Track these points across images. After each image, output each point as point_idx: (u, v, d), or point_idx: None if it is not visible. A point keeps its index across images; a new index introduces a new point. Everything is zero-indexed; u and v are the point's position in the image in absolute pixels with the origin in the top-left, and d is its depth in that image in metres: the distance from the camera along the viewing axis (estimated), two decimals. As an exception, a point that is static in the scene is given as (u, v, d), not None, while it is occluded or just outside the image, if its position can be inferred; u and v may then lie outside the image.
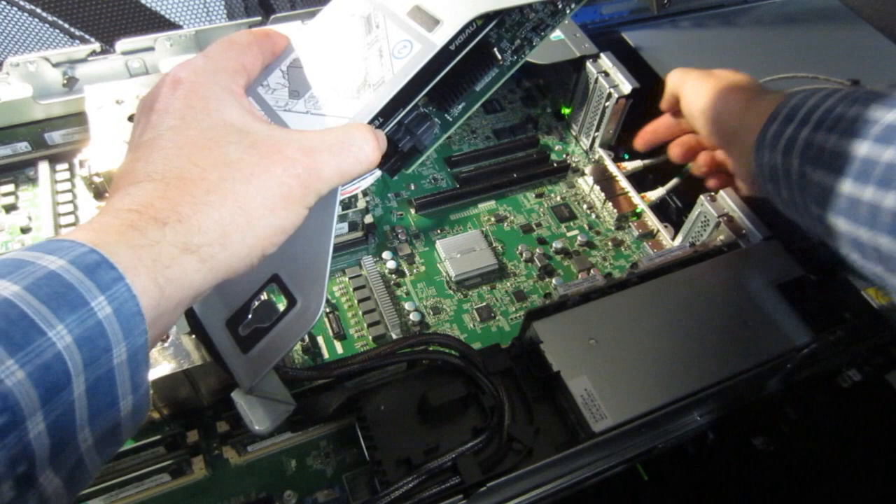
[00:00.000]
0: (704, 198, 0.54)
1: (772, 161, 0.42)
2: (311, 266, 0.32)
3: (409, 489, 0.38)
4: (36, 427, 0.21)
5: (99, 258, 0.24)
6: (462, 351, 0.43)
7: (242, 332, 0.33)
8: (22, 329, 0.21)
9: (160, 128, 0.29)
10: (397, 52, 0.33)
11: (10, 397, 0.20)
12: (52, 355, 0.22)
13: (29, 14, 0.85)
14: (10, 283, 0.22)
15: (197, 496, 0.43)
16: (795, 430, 0.58)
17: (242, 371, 0.33)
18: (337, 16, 0.36)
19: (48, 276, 0.22)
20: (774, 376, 0.48)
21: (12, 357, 0.21)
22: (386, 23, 0.34)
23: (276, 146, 0.29)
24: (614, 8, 0.76)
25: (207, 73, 0.31)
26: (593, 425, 0.40)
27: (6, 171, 0.59)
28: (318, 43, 0.35)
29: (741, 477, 0.60)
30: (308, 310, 0.32)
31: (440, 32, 0.33)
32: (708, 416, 0.46)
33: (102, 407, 0.24)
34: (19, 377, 0.21)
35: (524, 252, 0.58)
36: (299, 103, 0.34)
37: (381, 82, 0.33)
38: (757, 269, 0.48)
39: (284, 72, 0.35)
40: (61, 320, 0.22)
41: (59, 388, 0.22)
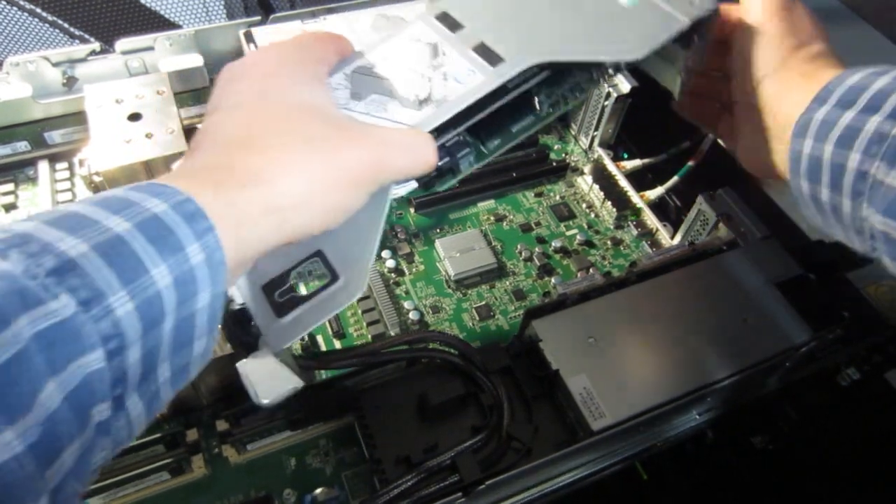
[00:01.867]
0: (703, 197, 0.54)
1: (815, 153, 0.35)
2: (359, 248, 0.34)
3: (408, 487, 0.38)
4: (134, 355, 0.23)
5: (195, 208, 0.25)
6: (461, 349, 0.43)
7: (279, 299, 0.35)
8: (132, 265, 0.23)
9: (248, 95, 0.32)
10: (461, 79, 0.37)
11: (121, 325, 0.22)
12: (154, 292, 0.23)
13: (29, 14, 0.85)
14: (122, 220, 0.24)
15: (196, 495, 0.43)
16: (794, 429, 0.58)
17: (273, 335, 0.34)
18: (403, 40, 0.40)
19: (153, 219, 0.24)
20: (773, 375, 0.48)
21: (125, 289, 0.23)
22: (452, 52, 0.38)
23: (357, 132, 0.32)
24: (613, 7, 0.76)
25: (298, 57, 0.34)
26: (592, 424, 0.40)
27: (6, 171, 0.59)
28: (381, 57, 0.39)
29: (740, 476, 0.60)
30: (349, 286, 0.34)
31: (503, 69, 0.36)
32: (707, 415, 0.46)
33: (181, 345, 0.26)
34: (129, 308, 0.23)
35: (523, 251, 0.58)
36: (360, 105, 0.37)
37: (443, 100, 0.36)
38: (756, 267, 0.48)
39: (347, 75, 0.38)
40: (164, 261, 0.24)
41: (156, 323, 0.24)
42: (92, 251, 0.22)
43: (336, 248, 0.35)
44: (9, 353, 0.20)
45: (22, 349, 0.20)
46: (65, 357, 0.21)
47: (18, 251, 0.21)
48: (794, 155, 0.36)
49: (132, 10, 0.89)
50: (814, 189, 0.36)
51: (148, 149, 0.51)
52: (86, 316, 0.22)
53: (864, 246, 0.35)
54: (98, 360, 0.22)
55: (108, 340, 0.22)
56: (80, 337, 0.21)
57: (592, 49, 0.38)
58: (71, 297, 0.21)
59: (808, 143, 0.35)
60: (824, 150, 0.34)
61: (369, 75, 0.38)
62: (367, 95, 0.37)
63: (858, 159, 0.33)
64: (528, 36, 0.38)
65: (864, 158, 0.32)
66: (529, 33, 0.38)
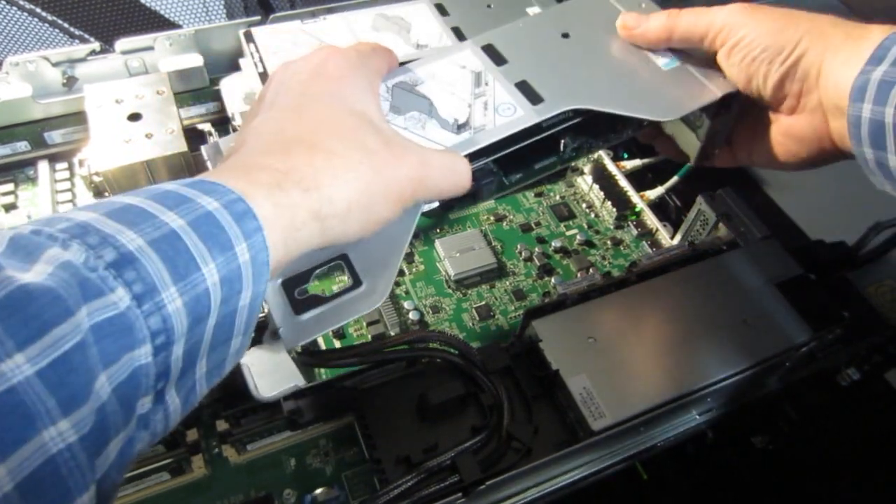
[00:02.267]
0: (703, 197, 0.54)
1: (877, 117, 0.33)
2: (386, 257, 0.36)
3: (408, 488, 0.38)
4: (178, 350, 0.24)
5: (246, 208, 0.26)
6: (461, 349, 0.43)
7: (298, 296, 0.35)
8: (185, 261, 0.23)
9: (307, 96, 0.32)
10: (501, 111, 0.39)
11: (169, 321, 0.23)
12: (202, 290, 0.24)
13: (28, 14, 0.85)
14: (177, 216, 0.24)
15: (196, 495, 0.43)
16: (795, 429, 0.58)
17: (289, 331, 0.35)
18: (448, 64, 0.42)
19: (206, 216, 0.25)
20: (773, 375, 0.48)
21: (175, 285, 0.23)
22: (495, 84, 0.40)
23: (404, 149, 0.33)
24: (614, 7, 0.76)
25: (358, 66, 0.35)
26: (592, 424, 0.40)
27: (6, 171, 0.59)
28: (425, 76, 0.40)
29: (740, 476, 0.60)
30: (373, 294, 0.35)
31: (542, 108, 0.39)
32: (707, 415, 0.46)
33: (219, 343, 0.26)
34: (178, 305, 0.23)
35: (523, 251, 0.58)
36: (399, 119, 0.38)
37: (482, 128, 0.38)
38: (756, 267, 0.48)
39: (389, 88, 0.39)
40: (213, 259, 0.24)
41: (200, 320, 0.24)
42: (149, 246, 0.23)
43: (362, 255, 0.36)
44: (71, 343, 0.20)
45: (81, 340, 0.20)
46: (117, 350, 0.21)
47: (79, 242, 0.22)
48: (853, 120, 0.34)
49: (132, 9, 0.89)
50: (879, 156, 0.34)
51: (148, 149, 0.51)
52: (139, 310, 0.22)
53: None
54: (146, 355, 0.22)
55: (157, 336, 0.23)
56: (132, 331, 0.22)
57: (628, 105, 0.40)
58: (126, 290, 0.22)
59: (867, 107, 0.33)
60: (886, 112, 0.32)
61: (411, 92, 0.40)
62: (408, 111, 0.38)
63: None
64: (568, 82, 0.40)
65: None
66: (570, 80, 0.40)
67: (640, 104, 0.40)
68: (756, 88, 0.39)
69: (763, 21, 0.38)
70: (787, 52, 0.37)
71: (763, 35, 0.38)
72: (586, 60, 0.42)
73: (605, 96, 0.40)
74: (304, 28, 0.61)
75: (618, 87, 0.41)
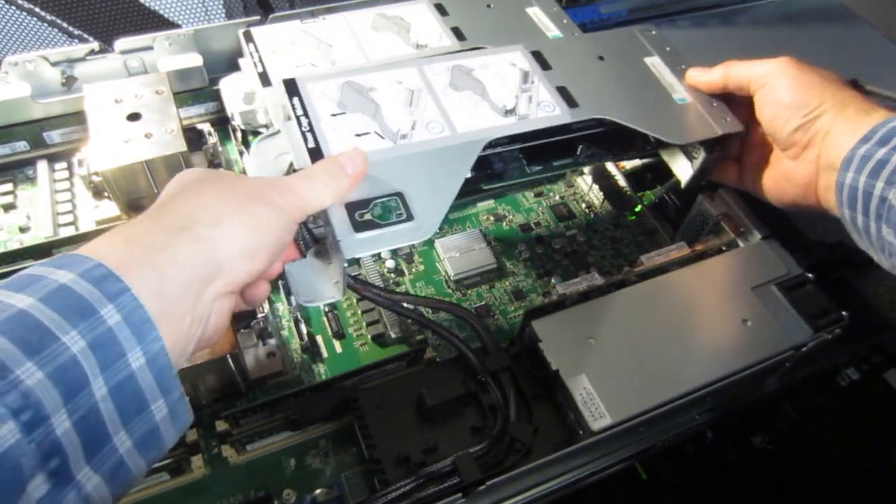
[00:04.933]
0: (703, 197, 0.54)
1: (854, 183, 0.40)
2: (437, 198, 0.41)
3: (408, 489, 0.38)
4: (62, 424, 0.23)
5: (106, 271, 0.26)
6: (473, 325, 0.45)
7: (358, 218, 0.39)
8: (38, 335, 0.23)
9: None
10: (543, 106, 0.47)
11: (32, 395, 0.22)
12: (67, 358, 0.23)
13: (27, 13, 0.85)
14: (25, 296, 0.24)
15: (196, 495, 0.43)
16: (794, 429, 0.58)
17: (348, 245, 0.38)
18: (501, 60, 0.50)
19: (60, 289, 0.25)
20: (773, 375, 0.48)
21: (31, 360, 0.23)
22: (539, 84, 0.48)
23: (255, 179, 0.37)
24: (613, 7, 0.77)
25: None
26: (592, 424, 0.40)
27: (5, 171, 0.59)
28: (480, 65, 0.49)
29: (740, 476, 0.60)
30: (421, 228, 0.39)
31: (576, 112, 0.46)
32: (707, 415, 0.46)
33: (133, 410, 0.26)
34: (38, 377, 0.23)
35: (523, 251, 0.58)
36: (455, 94, 0.47)
37: (525, 116, 0.46)
38: (755, 267, 0.48)
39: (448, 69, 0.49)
40: (74, 327, 0.24)
41: (78, 389, 0.24)
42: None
43: (416, 194, 0.41)
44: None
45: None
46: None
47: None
48: (838, 186, 0.41)
49: (131, 9, 0.89)
50: (853, 216, 0.40)
51: (147, 149, 0.51)
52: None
53: (888, 263, 0.40)
54: (12, 434, 0.22)
55: (20, 412, 0.22)
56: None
57: (645, 124, 0.47)
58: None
59: (850, 175, 0.40)
60: (860, 180, 0.39)
61: (468, 75, 0.48)
62: (464, 90, 0.47)
63: (882, 187, 0.38)
64: (599, 95, 0.48)
65: (886, 186, 0.37)
66: (601, 94, 0.48)
67: (655, 125, 0.48)
68: (774, 129, 0.46)
69: (798, 76, 0.44)
70: (809, 108, 0.43)
71: (794, 88, 0.44)
72: (616, 82, 0.50)
73: (628, 113, 0.47)
74: (304, 28, 0.61)
75: (639, 108, 0.48)
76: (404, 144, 0.43)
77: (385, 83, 0.47)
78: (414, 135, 0.44)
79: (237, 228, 0.31)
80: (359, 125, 0.44)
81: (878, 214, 0.38)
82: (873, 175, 0.38)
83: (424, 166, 0.42)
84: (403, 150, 0.43)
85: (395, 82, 0.47)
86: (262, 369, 0.47)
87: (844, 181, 0.40)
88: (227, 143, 0.63)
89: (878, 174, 0.38)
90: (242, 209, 0.32)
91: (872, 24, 0.76)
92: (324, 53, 0.59)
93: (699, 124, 0.48)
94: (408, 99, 0.46)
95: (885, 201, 0.37)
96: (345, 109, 0.45)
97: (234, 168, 0.61)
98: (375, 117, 0.45)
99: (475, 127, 0.45)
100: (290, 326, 0.51)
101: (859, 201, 0.39)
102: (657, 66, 0.53)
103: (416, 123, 0.44)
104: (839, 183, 0.41)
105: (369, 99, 0.46)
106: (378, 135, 0.43)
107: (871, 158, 0.39)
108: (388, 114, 0.45)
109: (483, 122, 0.45)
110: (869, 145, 0.39)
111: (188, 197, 0.32)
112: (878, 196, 0.38)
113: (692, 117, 0.49)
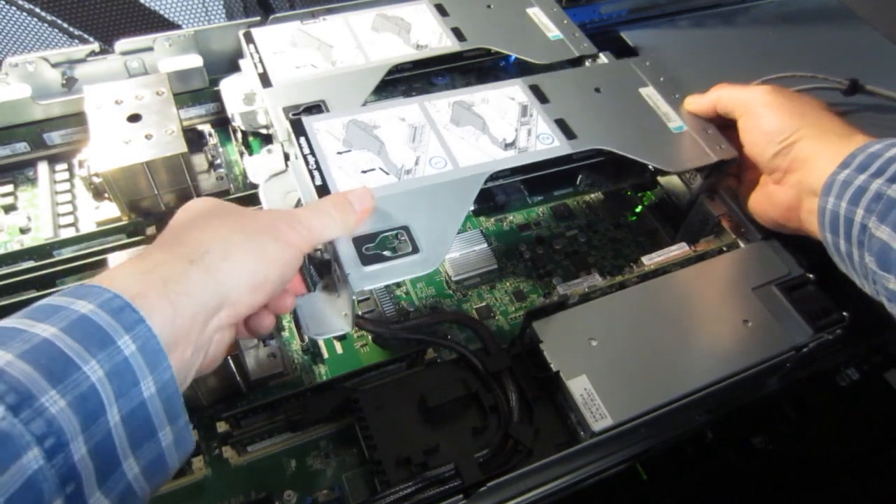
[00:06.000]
0: (703, 197, 0.54)
1: (835, 209, 0.40)
2: (442, 231, 0.42)
3: (409, 491, 0.38)
4: (79, 450, 0.24)
5: (123, 302, 0.27)
6: (477, 330, 0.46)
7: (366, 252, 0.40)
8: (61, 364, 0.24)
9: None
10: (542, 139, 0.48)
11: (55, 422, 0.23)
12: (87, 387, 0.25)
13: (28, 13, 0.85)
14: (48, 326, 0.25)
15: (196, 496, 0.43)
16: (794, 430, 0.58)
17: (356, 277, 0.39)
18: (500, 94, 0.52)
19: (81, 319, 0.26)
20: (773, 375, 0.48)
21: (54, 388, 0.24)
22: (538, 117, 0.50)
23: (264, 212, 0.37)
24: (613, 7, 0.76)
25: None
26: (593, 425, 0.40)
27: (5, 172, 0.59)
28: (480, 99, 0.51)
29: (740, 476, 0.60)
30: (427, 260, 0.41)
31: (575, 143, 0.48)
32: (707, 416, 0.46)
33: (142, 437, 0.27)
34: (61, 405, 0.24)
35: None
36: (457, 129, 0.49)
37: (525, 149, 0.48)
38: (756, 268, 0.48)
39: (450, 104, 0.51)
40: (93, 356, 0.25)
41: (95, 416, 0.25)
42: (18, 359, 0.24)
43: (422, 227, 0.42)
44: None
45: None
46: (2, 460, 0.22)
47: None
48: (820, 210, 0.41)
49: (132, 9, 0.89)
50: (835, 240, 0.41)
51: (147, 150, 0.51)
52: (16, 419, 0.23)
53: (871, 289, 0.40)
54: (36, 460, 0.23)
55: (44, 439, 0.23)
56: (12, 439, 0.22)
57: (643, 153, 0.49)
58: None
59: (831, 200, 0.40)
60: (841, 206, 0.40)
61: (468, 110, 0.50)
62: (465, 125, 0.49)
63: (862, 214, 0.38)
64: (597, 127, 0.50)
65: (865, 214, 0.38)
66: (598, 125, 0.50)
67: (651, 154, 0.49)
68: (755, 155, 0.47)
69: (777, 104, 0.46)
70: (786, 134, 0.45)
71: (774, 115, 0.46)
72: (612, 113, 0.52)
73: (625, 143, 0.49)
74: (304, 28, 0.61)
75: (637, 139, 0.50)
76: (409, 180, 0.45)
77: (388, 120, 0.49)
78: (418, 170, 0.46)
79: (246, 262, 0.32)
80: (364, 162, 0.45)
81: (860, 241, 0.39)
82: (853, 202, 0.39)
83: (429, 200, 0.44)
84: (408, 185, 0.44)
85: (398, 119, 0.49)
86: (263, 370, 0.47)
87: (826, 206, 0.41)
88: (228, 143, 0.63)
89: (857, 201, 0.38)
90: (252, 243, 0.33)
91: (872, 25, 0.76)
92: (324, 54, 0.59)
93: (694, 152, 0.50)
94: (411, 135, 0.48)
95: (866, 229, 0.38)
96: (350, 147, 0.46)
97: (235, 169, 0.61)
98: (380, 154, 0.46)
99: (477, 161, 0.47)
100: (291, 328, 0.51)
101: (841, 227, 0.40)
102: (652, 95, 0.54)
103: (420, 159, 0.46)
104: (821, 208, 0.41)
105: (374, 136, 0.47)
106: (383, 171, 0.45)
107: (850, 185, 0.39)
108: (392, 150, 0.47)
109: (484, 156, 0.47)
110: (848, 171, 0.40)
111: (200, 229, 0.33)
112: (858, 223, 0.38)
113: (687, 145, 0.51)
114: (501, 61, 0.70)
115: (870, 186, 0.38)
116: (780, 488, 0.59)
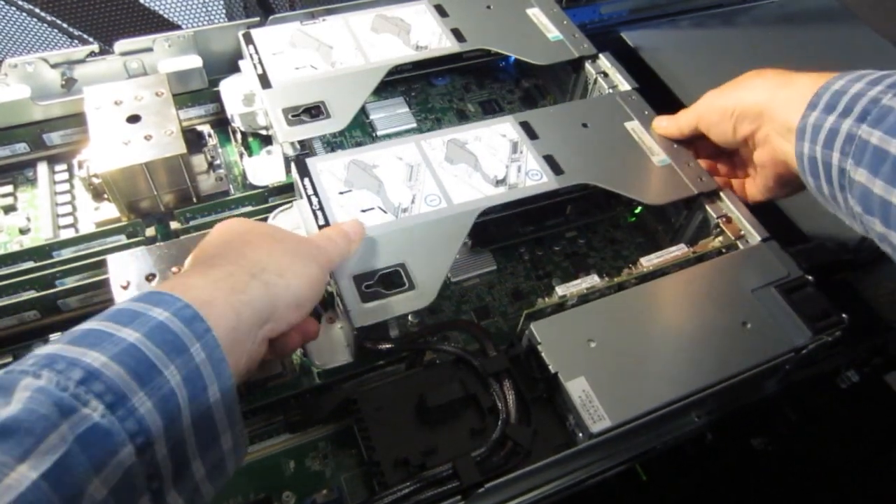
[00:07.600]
0: (703, 199, 0.54)
1: (811, 153, 0.40)
2: (434, 268, 0.45)
3: (407, 492, 0.38)
4: (161, 449, 0.26)
5: (193, 312, 0.29)
6: (475, 334, 0.46)
7: (365, 289, 0.43)
8: (146, 367, 0.27)
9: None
10: (531, 175, 0.51)
11: (144, 422, 0.25)
12: (167, 390, 0.27)
13: (28, 14, 0.85)
14: (132, 331, 0.27)
15: (195, 497, 0.43)
16: (794, 431, 0.58)
17: (356, 314, 0.42)
18: (492, 132, 0.54)
19: (159, 325, 0.28)
20: (773, 377, 0.48)
21: (142, 390, 0.26)
22: (527, 154, 0.53)
23: (305, 239, 0.42)
24: (613, 8, 0.76)
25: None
26: (591, 426, 0.40)
27: (5, 172, 0.59)
28: (472, 137, 0.54)
29: (739, 477, 0.60)
30: (423, 295, 0.44)
31: (562, 179, 0.51)
32: (706, 417, 0.46)
33: (208, 440, 0.29)
34: (148, 406, 0.26)
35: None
36: (451, 167, 0.51)
37: (515, 185, 0.50)
38: (755, 269, 0.48)
39: (444, 142, 0.53)
40: (172, 362, 0.27)
41: (174, 419, 0.27)
42: (111, 361, 0.26)
43: (416, 265, 0.45)
44: (61, 452, 0.23)
45: (68, 449, 0.23)
46: (103, 456, 0.24)
47: (48, 369, 0.25)
48: (798, 155, 0.41)
49: (132, 10, 0.89)
50: (818, 184, 0.41)
51: (147, 150, 0.51)
52: (114, 417, 0.25)
53: (861, 229, 0.39)
54: (130, 456, 0.25)
55: (136, 437, 0.25)
56: (111, 436, 0.24)
57: (626, 188, 0.52)
58: (99, 401, 0.25)
59: (806, 145, 0.40)
60: (816, 150, 0.39)
61: (462, 147, 0.52)
62: (459, 163, 0.51)
63: (839, 157, 0.38)
64: (583, 162, 0.52)
65: (842, 157, 0.37)
66: (585, 161, 0.53)
67: (635, 189, 0.52)
68: (727, 140, 0.49)
69: (720, 90, 0.49)
70: (729, 108, 0.47)
71: (719, 96, 0.49)
72: (598, 148, 0.54)
73: (610, 178, 0.52)
74: (304, 29, 0.61)
75: (621, 173, 0.52)
76: (405, 217, 0.48)
77: (387, 159, 0.51)
78: (414, 208, 0.48)
79: (295, 281, 0.36)
80: (364, 201, 0.48)
81: (841, 185, 0.38)
82: (828, 145, 0.38)
83: (424, 237, 0.47)
84: (405, 223, 0.47)
85: (396, 158, 0.52)
86: (262, 371, 0.47)
87: (803, 151, 0.41)
88: (227, 144, 0.63)
89: (832, 145, 0.38)
90: (299, 264, 0.37)
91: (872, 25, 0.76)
92: (324, 55, 0.59)
93: (676, 185, 0.52)
94: (408, 174, 0.51)
95: (845, 172, 0.37)
96: (351, 187, 0.49)
97: (234, 169, 0.61)
98: (379, 193, 0.49)
99: (469, 198, 0.49)
100: (290, 328, 0.51)
101: (821, 171, 0.40)
102: (636, 130, 0.56)
103: (416, 197, 0.49)
104: (798, 153, 0.41)
105: (373, 176, 0.50)
106: (381, 210, 0.48)
107: (822, 128, 0.39)
108: (390, 189, 0.49)
109: (476, 193, 0.49)
110: (817, 113, 0.39)
111: (256, 247, 0.36)
112: (836, 166, 0.38)
113: (669, 178, 0.53)
114: (501, 62, 0.70)
115: (840, 128, 0.38)
116: (780, 490, 0.59)
